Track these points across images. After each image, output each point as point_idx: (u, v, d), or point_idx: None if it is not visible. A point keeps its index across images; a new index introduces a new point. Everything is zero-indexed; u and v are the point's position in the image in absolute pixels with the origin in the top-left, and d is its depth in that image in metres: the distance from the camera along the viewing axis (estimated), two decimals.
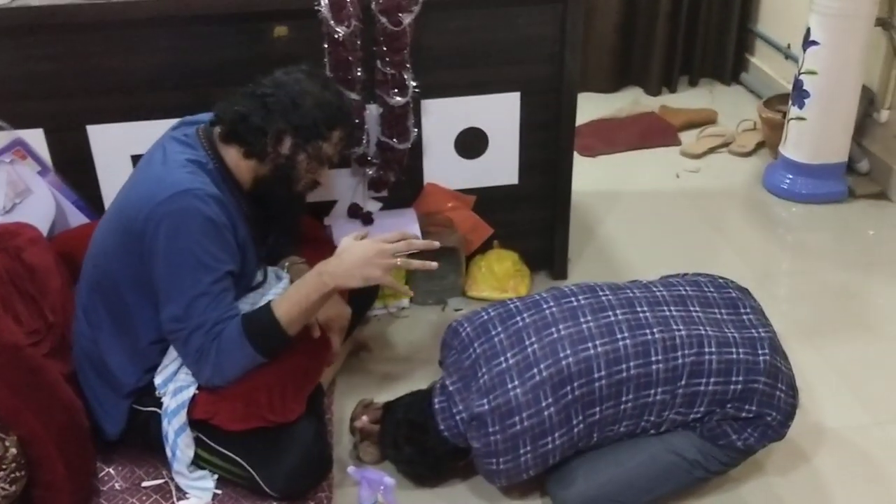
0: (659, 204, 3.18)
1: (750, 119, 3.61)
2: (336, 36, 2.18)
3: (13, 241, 2.00)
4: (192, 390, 1.86)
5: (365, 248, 1.82)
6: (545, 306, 1.87)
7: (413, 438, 1.91)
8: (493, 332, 1.86)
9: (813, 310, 2.61)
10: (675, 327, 1.81)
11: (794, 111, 3.10)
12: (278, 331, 1.82)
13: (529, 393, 1.75)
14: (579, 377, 1.75)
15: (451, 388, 1.87)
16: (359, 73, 2.25)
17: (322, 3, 2.15)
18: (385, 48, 2.23)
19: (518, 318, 1.86)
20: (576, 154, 2.58)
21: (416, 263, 1.85)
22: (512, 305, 1.92)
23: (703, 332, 1.81)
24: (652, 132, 3.66)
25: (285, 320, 1.82)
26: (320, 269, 1.83)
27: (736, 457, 1.87)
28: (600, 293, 1.89)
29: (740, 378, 1.79)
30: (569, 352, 1.77)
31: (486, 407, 1.77)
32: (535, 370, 1.77)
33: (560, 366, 1.76)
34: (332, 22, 2.16)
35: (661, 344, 1.78)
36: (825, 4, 2.88)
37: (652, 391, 1.78)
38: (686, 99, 3.98)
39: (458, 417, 1.84)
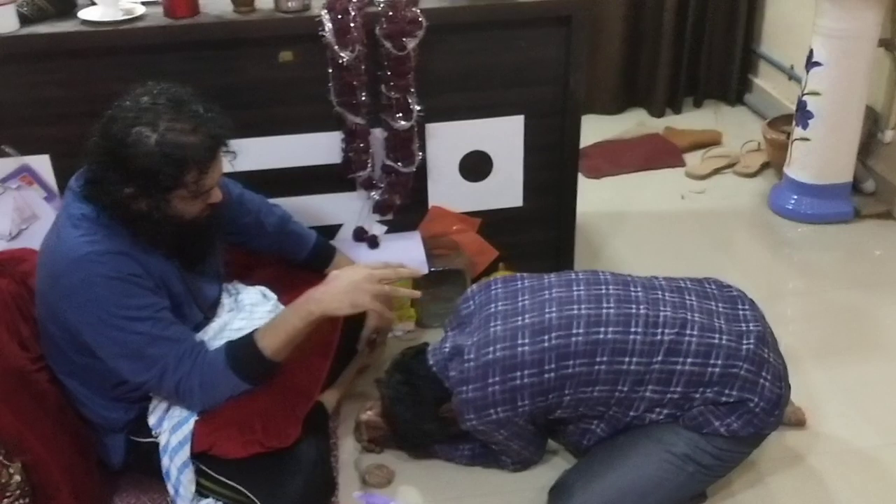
0: (664, 225, 3.18)
1: (755, 140, 3.61)
2: (341, 61, 2.19)
3: (19, 266, 2.00)
4: (191, 423, 1.85)
5: (352, 275, 1.84)
6: (546, 278, 1.99)
7: (404, 365, 2.00)
8: (493, 288, 2.00)
9: (820, 330, 2.59)
10: (662, 308, 1.87)
11: (798, 132, 3.10)
12: (264, 361, 1.83)
13: (508, 331, 1.86)
14: (559, 329, 1.84)
15: (447, 332, 2.02)
16: (363, 98, 2.26)
17: (327, 29, 2.17)
18: (389, 72, 2.25)
19: (518, 282, 2.00)
20: (581, 176, 2.59)
21: (403, 291, 1.97)
22: (518, 275, 2.03)
23: (688, 316, 1.86)
24: (657, 153, 3.66)
25: (270, 351, 1.82)
26: (308, 296, 1.84)
27: (725, 448, 1.85)
28: (600, 273, 1.99)
29: (719, 362, 1.82)
30: (554, 309, 1.87)
31: (469, 342, 1.89)
32: (519, 318, 1.88)
33: (543, 317, 1.86)
34: (336, 47, 2.18)
35: (643, 319, 1.85)
36: (828, 26, 2.89)
37: (626, 359, 1.82)
38: (691, 120, 3.99)
39: (444, 351, 1.94)
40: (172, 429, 1.86)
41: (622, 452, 1.87)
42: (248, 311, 2.06)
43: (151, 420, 1.90)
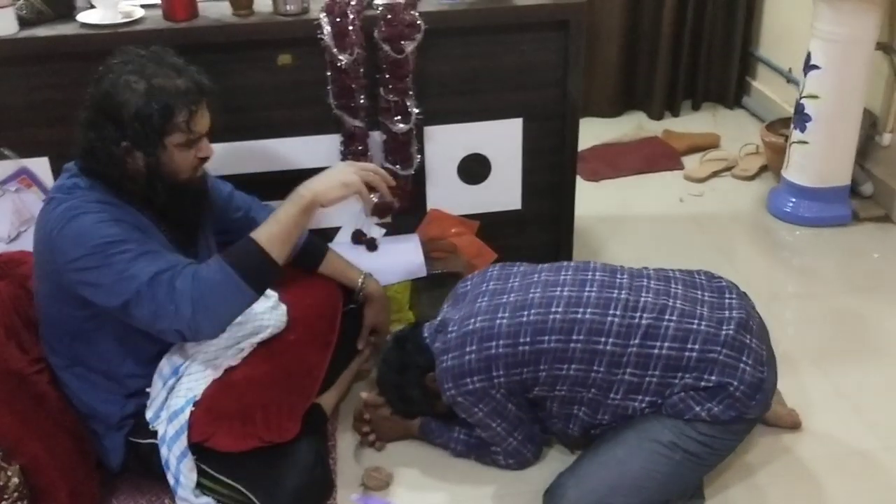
0: (663, 228, 3.18)
1: (753, 143, 3.61)
2: (339, 64, 2.20)
3: (18, 268, 2.01)
4: (187, 413, 1.85)
5: (338, 165, 1.97)
6: (540, 265, 2.06)
7: (400, 337, 2.09)
8: (490, 271, 2.09)
9: (819, 333, 2.60)
10: (644, 294, 1.91)
11: (796, 135, 3.11)
12: (260, 253, 1.81)
13: (491, 306, 1.95)
14: (539, 307, 1.90)
15: (443, 308, 2.10)
16: (362, 101, 2.27)
17: (325, 32, 2.17)
18: (388, 75, 2.25)
19: (514, 269, 2.08)
20: (580, 179, 2.59)
21: (384, 174, 1.98)
22: (517, 263, 2.10)
23: (669, 303, 1.90)
24: (655, 157, 3.67)
25: (264, 238, 1.82)
26: (297, 187, 1.88)
27: (709, 433, 1.86)
28: (591, 262, 2.04)
29: (696, 346, 1.85)
30: (539, 290, 1.94)
31: (456, 316, 1.98)
32: (505, 296, 1.96)
33: (526, 297, 1.94)
34: (335, 50, 2.18)
35: (623, 303, 1.89)
36: (826, 29, 2.89)
37: (602, 339, 1.86)
38: (689, 123, 3.99)
39: (435, 324, 2.05)
40: (170, 418, 1.86)
41: (610, 448, 1.89)
42: None
43: (149, 413, 1.90)
